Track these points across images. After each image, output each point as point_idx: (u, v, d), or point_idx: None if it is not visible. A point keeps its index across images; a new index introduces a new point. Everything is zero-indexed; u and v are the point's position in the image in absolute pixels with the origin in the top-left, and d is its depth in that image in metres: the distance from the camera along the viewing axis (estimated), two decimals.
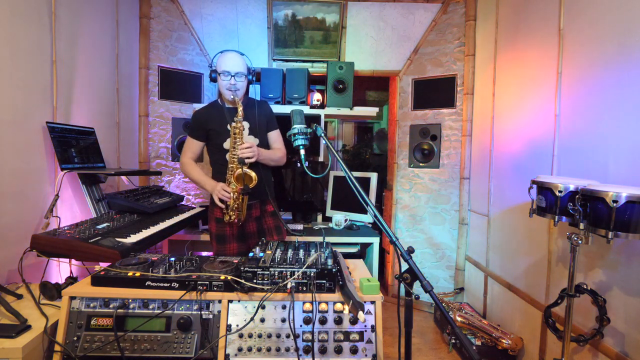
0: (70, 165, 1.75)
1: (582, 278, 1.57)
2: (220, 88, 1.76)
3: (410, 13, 2.86)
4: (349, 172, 1.09)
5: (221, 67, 1.73)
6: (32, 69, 1.62)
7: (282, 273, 1.11)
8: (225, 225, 1.78)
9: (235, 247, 1.81)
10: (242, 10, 2.84)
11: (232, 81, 1.71)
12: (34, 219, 1.61)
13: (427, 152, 2.89)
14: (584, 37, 1.64)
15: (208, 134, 1.81)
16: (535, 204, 1.52)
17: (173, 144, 2.80)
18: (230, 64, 1.72)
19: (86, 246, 1.31)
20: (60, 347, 1.03)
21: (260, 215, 1.86)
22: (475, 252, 2.65)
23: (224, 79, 1.72)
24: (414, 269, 0.93)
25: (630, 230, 1.15)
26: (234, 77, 1.71)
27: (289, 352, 1.08)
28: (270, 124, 1.88)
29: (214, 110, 1.82)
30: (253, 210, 1.82)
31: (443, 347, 2.37)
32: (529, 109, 2.03)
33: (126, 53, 2.50)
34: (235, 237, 1.81)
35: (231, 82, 1.71)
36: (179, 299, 1.08)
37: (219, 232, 1.80)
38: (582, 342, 1.50)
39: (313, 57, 2.96)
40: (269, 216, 1.87)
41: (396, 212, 3.04)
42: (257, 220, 1.85)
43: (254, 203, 1.82)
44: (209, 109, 1.84)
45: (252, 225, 1.84)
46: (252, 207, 1.81)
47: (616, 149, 1.45)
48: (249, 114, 1.80)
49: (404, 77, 2.98)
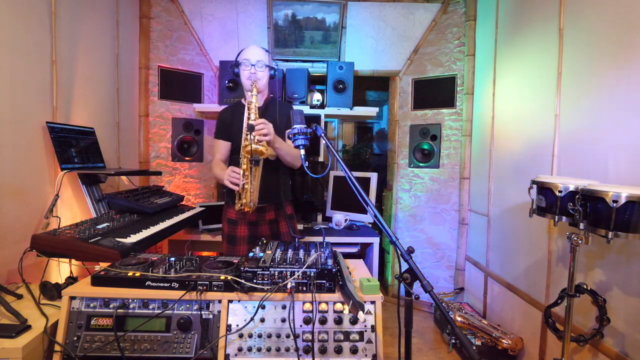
0: (70, 165, 1.75)
1: (582, 278, 1.57)
2: (242, 79, 1.72)
3: (410, 13, 2.86)
4: (349, 172, 1.09)
5: (242, 57, 1.70)
6: (32, 69, 1.62)
7: (282, 273, 1.11)
8: (236, 226, 1.76)
9: (245, 250, 1.77)
10: (242, 10, 2.84)
11: (253, 70, 1.67)
12: (34, 219, 1.61)
13: (427, 152, 2.89)
14: (584, 37, 1.64)
15: (230, 133, 1.77)
16: (535, 204, 1.52)
17: (173, 144, 2.81)
18: (251, 53, 1.69)
19: (86, 246, 1.31)
20: (60, 347, 1.03)
21: (275, 218, 1.80)
22: (475, 252, 2.65)
23: (245, 69, 1.68)
24: (414, 269, 0.93)
25: (630, 230, 1.15)
26: (254, 65, 1.67)
27: (289, 352, 1.08)
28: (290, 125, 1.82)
29: (237, 109, 1.79)
30: (267, 213, 1.77)
31: (443, 347, 2.37)
32: (529, 109, 2.03)
33: (126, 53, 2.50)
34: (246, 240, 1.77)
35: (251, 70, 1.67)
36: (179, 299, 1.08)
37: (231, 233, 1.77)
38: (582, 342, 1.50)
39: (313, 57, 2.96)
40: (284, 219, 1.81)
41: (396, 212, 3.04)
42: (270, 223, 1.79)
43: (267, 206, 1.76)
44: (233, 109, 1.81)
45: (265, 228, 1.79)
46: (265, 209, 1.76)
47: (616, 149, 1.45)
48: (270, 112, 1.76)
49: (404, 77, 2.98)
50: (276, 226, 1.81)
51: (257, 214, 1.75)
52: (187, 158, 2.85)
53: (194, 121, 2.85)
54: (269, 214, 1.78)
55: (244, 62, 1.68)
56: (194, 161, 2.89)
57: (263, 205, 1.73)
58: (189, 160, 2.86)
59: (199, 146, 2.90)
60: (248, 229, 1.77)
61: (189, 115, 2.86)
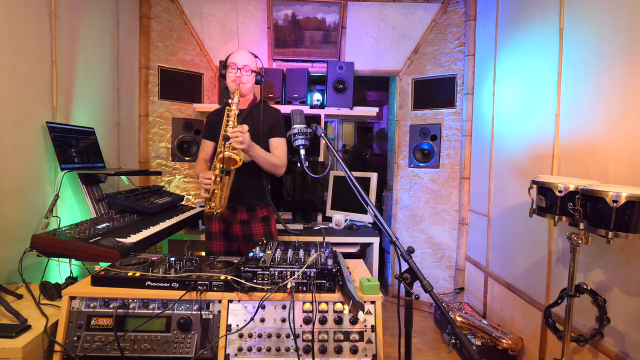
0: (70, 165, 1.75)
1: (582, 278, 1.57)
2: (227, 82, 1.73)
3: (410, 13, 2.86)
4: (349, 172, 1.09)
5: (229, 60, 1.71)
6: (32, 69, 1.62)
7: (282, 273, 1.11)
8: (211, 222, 1.78)
9: (220, 246, 1.78)
10: (242, 10, 2.84)
11: (238, 74, 1.68)
12: (34, 219, 1.61)
13: (427, 152, 2.89)
14: (584, 37, 1.64)
15: (216, 134, 1.77)
16: (536, 204, 1.51)
17: (173, 144, 2.81)
18: (238, 57, 1.71)
19: (86, 246, 1.31)
20: (60, 347, 1.03)
21: (248, 219, 1.78)
22: (475, 252, 2.64)
23: (231, 72, 1.70)
24: (414, 269, 0.93)
25: (630, 230, 1.15)
26: (240, 69, 1.69)
27: (289, 352, 1.08)
28: (274, 130, 1.79)
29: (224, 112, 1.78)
30: (238, 213, 1.77)
31: (443, 347, 2.37)
32: (529, 109, 2.03)
33: (126, 53, 2.50)
34: (222, 236, 1.79)
35: (237, 74, 1.68)
36: (179, 299, 1.08)
37: (208, 228, 1.81)
38: (582, 342, 1.50)
39: (313, 57, 2.96)
40: (259, 222, 1.80)
41: (396, 212, 3.04)
42: (242, 223, 1.78)
43: (238, 206, 1.75)
44: (220, 111, 1.83)
45: (237, 227, 1.78)
46: (236, 209, 1.75)
47: (616, 149, 1.45)
48: (253, 116, 1.76)
49: (404, 77, 2.98)
50: (248, 227, 1.79)
51: (229, 213, 1.76)
52: (187, 158, 2.85)
53: (194, 121, 2.85)
54: (240, 214, 1.77)
55: (231, 65, 1.70)
56: (194, 161, 2.89)
57: (234, 205, 1.74)
58: (189, 160, 2.86)
59: (198, 146, 2.89)
60: (220, 225, 1.79)
61: (189, 115, 2.86)
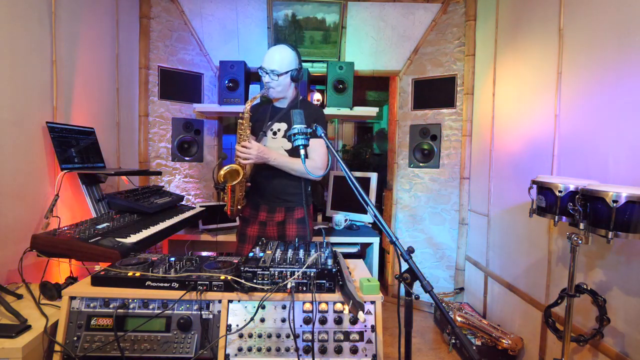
0: (70, 165, 1.75)
1: (582, 278, 1.57)
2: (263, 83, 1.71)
3: (410, 13, 2.86)
4: (349, 172, 1.09)
5: (262, 62, 1.66)
6: (32, 69, 1.62)
7: (282, 273, 1.11)
8: (248, 225, 1.77)
9: None
10: (242, 10, 2.84)
11: (267, 79, 1.64)
12: (34, 219, 1.61)
13: (427, 152, 2.89)
14: (584, 37, 1.64)
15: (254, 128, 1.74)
16: (535, 204, 1.52)
17: (173, 144, 2.81)
18: (267, 59, 1.63)
19: (86, 246, 1.31)
20: (60, 347, 1.02)
21: (284, 220, 1.76)
22: (475, 252, 2.64)
23: (262, 76, 1.66)
24: (414, 269, 0.93)
25: (630, 230, 1.15)
26: (268, 74, 1.63)
27: (289, 352, 1.08)
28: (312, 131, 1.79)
29: (262, 106, 1.77)
30: (276, 215, 1.75)
31: (443, 347, 2.37)
32: (529, 109, 2.03)
33: (126, 53, 2.50)
34: (255, 239, 1.76)
35: (266, 79, 1.65)
36: (179, 299, 1.08)
37: (242, 230, 1.80)
38: (582, 342, 1.50)
39: (313, 57, 2.96)
40: (294, 223, 1.76)
41: (396, 212, 3.04)
42: (279, 225, 1.76)
43: (277, 207, 1.74)
44: (259, 105, 1.80)
45: (273, 229, 1.77)
46: (275, 210, 1.74)
47: (616, 149, 1.45)
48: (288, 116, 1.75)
49: (404, 77, 2.98)
50: (283, 228, 1.77)
51: (267, 215, 1.76)
52: (187, 158, 2.85)
53: (194, 121, 2.85)
54: (278, 216, 1.76)
55: (261, 69, 1.66)
56: (194, 161, 2.89)
57: (273, 207, 1.74)
58: (189, 160, 2.86)
59: (199, 146, 2.90)
60: (258, 228, 1.77)
61: (189, 115, 2.86)
